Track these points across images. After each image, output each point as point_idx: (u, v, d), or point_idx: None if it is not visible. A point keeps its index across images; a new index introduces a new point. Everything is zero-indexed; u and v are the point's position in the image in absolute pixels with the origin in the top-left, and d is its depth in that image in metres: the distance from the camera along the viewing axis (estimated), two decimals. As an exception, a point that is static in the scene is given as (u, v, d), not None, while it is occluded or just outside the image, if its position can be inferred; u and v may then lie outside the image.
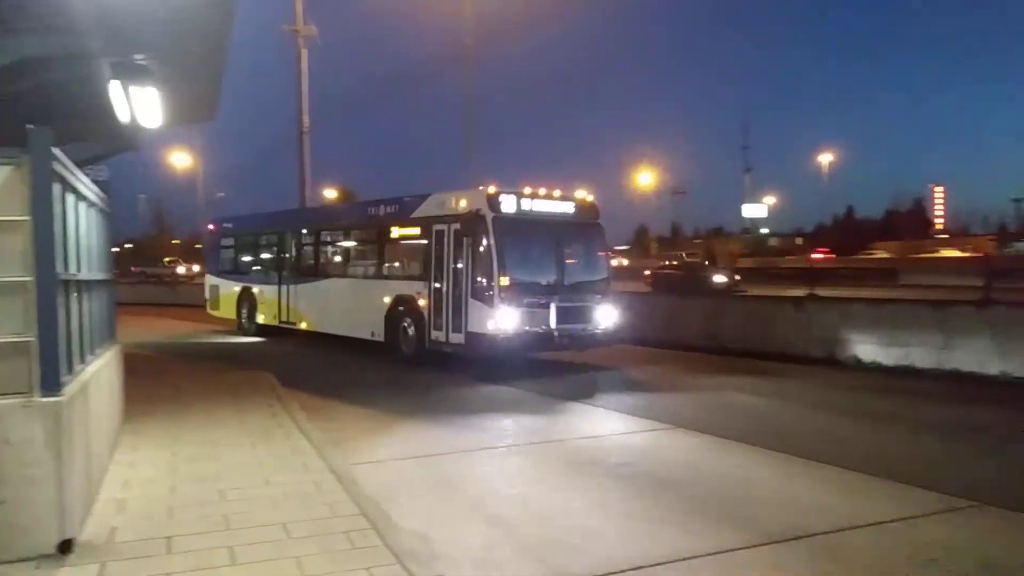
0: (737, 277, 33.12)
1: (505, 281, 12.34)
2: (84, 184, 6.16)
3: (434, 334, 13.51)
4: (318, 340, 17.20)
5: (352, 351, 15.85)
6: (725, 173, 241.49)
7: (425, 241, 13.90)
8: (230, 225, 22.09)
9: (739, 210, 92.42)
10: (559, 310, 12.83)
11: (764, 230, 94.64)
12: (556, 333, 12.81)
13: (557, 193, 13.71)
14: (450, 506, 6.10)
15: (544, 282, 13.06)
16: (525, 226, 13.13)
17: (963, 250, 57.45)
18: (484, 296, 12.49)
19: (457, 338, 13.00)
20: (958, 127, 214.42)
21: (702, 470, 7.27)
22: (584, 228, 14.12)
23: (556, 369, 13.70)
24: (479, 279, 12.60)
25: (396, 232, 15.15)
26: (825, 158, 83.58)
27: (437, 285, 13.45)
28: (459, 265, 12.99)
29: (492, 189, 12.92)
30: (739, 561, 4.96)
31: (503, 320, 12.28)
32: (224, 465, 6.72)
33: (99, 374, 6.40)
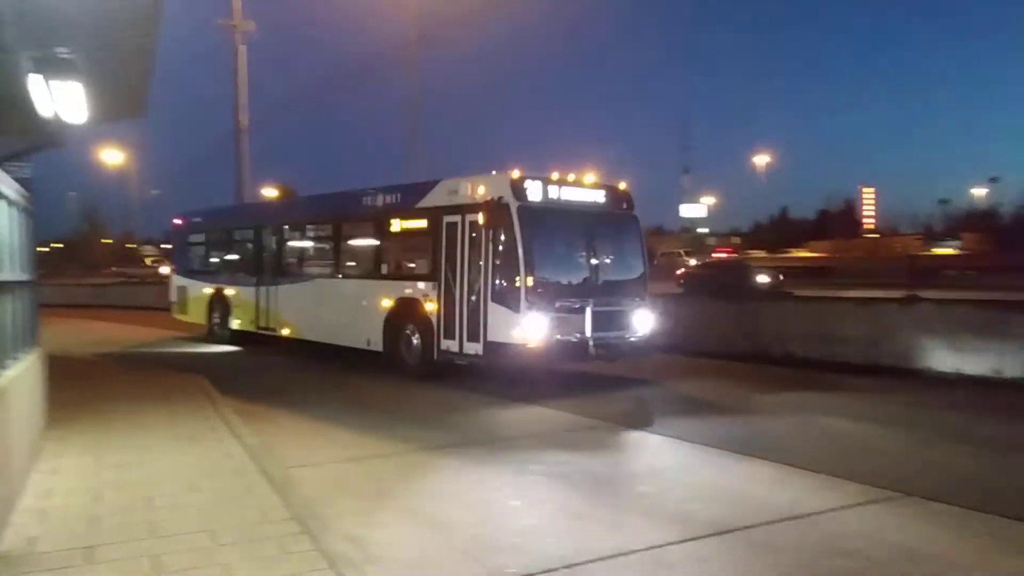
0: (781, 277, 30.52)
1: (533, 281, 10.72)
2: (3, 181, 5.92)
3: (444, 343, 11.80)
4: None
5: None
6: (665, 174, 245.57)
7: (433, 235, 12.13)
8: (200, 219, 20.11)
9: (678, 210, 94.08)
10: (595, 315, 11.18)
11: (703, 229, 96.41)
12: (592, 342, 11.13)
13: (588, 179, 12.09)
14: (388, 509, 6.03)
15: (577, 283, 11.48)
16: (554, 217, 11.50)
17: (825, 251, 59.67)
18: (508, 299, 10.84)
19: (473, 348, 11.31)
20: (890, 131, 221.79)
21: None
22: (619, 220, 12.49)
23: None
24: (501, 279, 10.94)
25: (397, 225, 13.25)
26: (762, 159, 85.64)
27: (448, 286, 11.73)
28: (476, 263, 11.27)
29: (516, 173, 11.19)
30: (669, 556, 5.04)
31: (531, 327, 10.63)
32: (151, 471, 6.54)
33: (19, 380, 6.16)
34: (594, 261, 11.78)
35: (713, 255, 53.98)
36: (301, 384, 12.51)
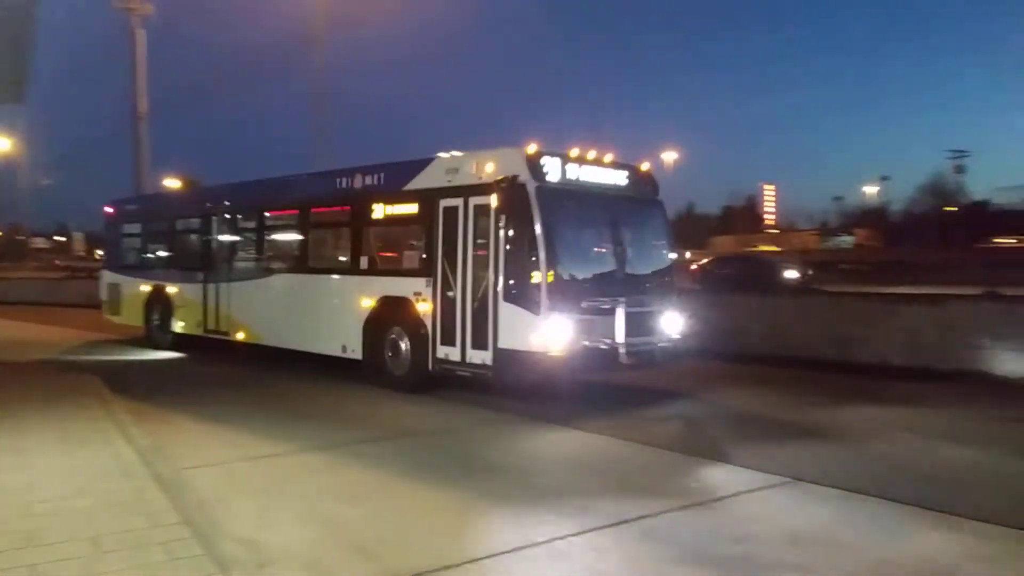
0: (810, 272, 29.75)
1: (555, 277, 9.18)
2: None
3: (442, 351, 10.17)
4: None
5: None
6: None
7: (427, 222, 10.49)
8: (135, 207, 18.23)
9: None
10: (628, 317, 9.58)
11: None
12: (623, 349, 9.52)
13: (608, 158, 10.54)
14: (284, 508, 5.88)
15: (605, 279, 9.94)
16: (576, 201, 10.01)
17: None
18: (525, 298, 9.24)
19: (480, 357, 9.69)
20: (790, 131, 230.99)
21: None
22: (645, 205, 11.15)
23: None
24: (516, 275, 9.35)
25: (381, 211, 11.43)
26: (669, 156, 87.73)
27: (447, 283, 10.12)
28: (483, 255, 9.68)
29: (532, 148, 9.59)
30: (570, 547, 5.10)
31: (553, 332, 9.04)
32: (32, 476, 6.19)
33: None
34: (622, 254, 10.33)
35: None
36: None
